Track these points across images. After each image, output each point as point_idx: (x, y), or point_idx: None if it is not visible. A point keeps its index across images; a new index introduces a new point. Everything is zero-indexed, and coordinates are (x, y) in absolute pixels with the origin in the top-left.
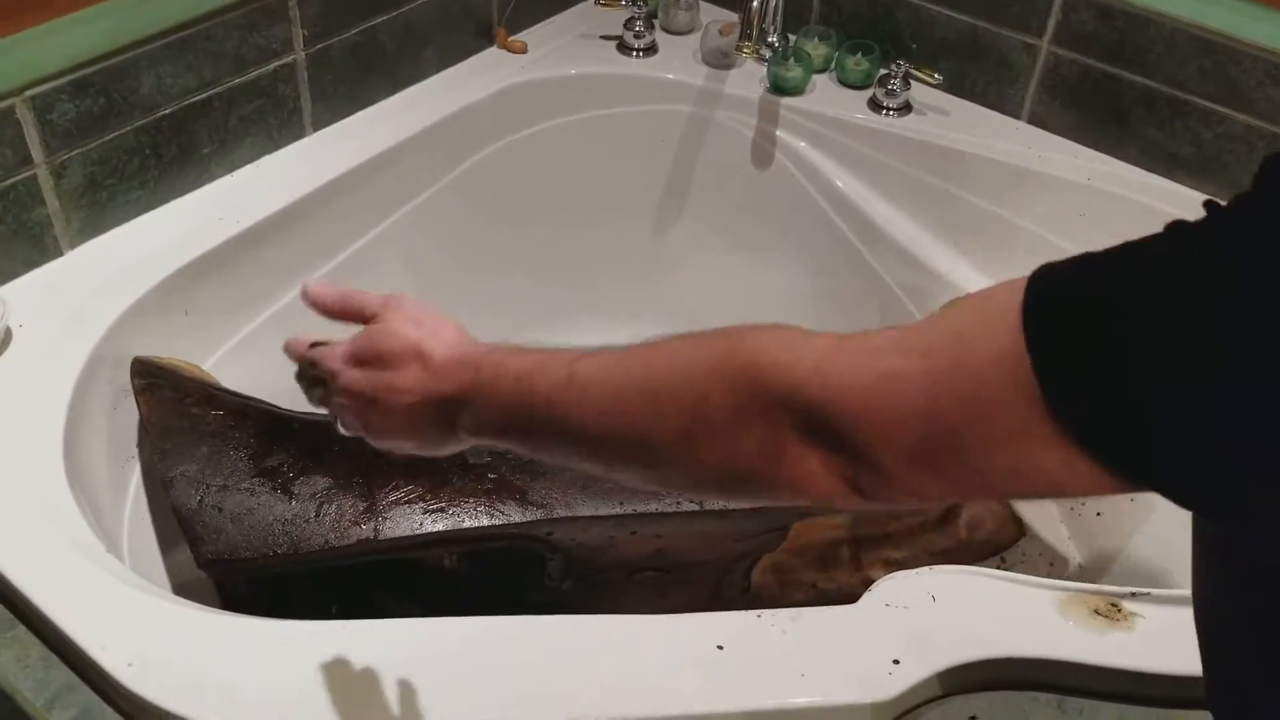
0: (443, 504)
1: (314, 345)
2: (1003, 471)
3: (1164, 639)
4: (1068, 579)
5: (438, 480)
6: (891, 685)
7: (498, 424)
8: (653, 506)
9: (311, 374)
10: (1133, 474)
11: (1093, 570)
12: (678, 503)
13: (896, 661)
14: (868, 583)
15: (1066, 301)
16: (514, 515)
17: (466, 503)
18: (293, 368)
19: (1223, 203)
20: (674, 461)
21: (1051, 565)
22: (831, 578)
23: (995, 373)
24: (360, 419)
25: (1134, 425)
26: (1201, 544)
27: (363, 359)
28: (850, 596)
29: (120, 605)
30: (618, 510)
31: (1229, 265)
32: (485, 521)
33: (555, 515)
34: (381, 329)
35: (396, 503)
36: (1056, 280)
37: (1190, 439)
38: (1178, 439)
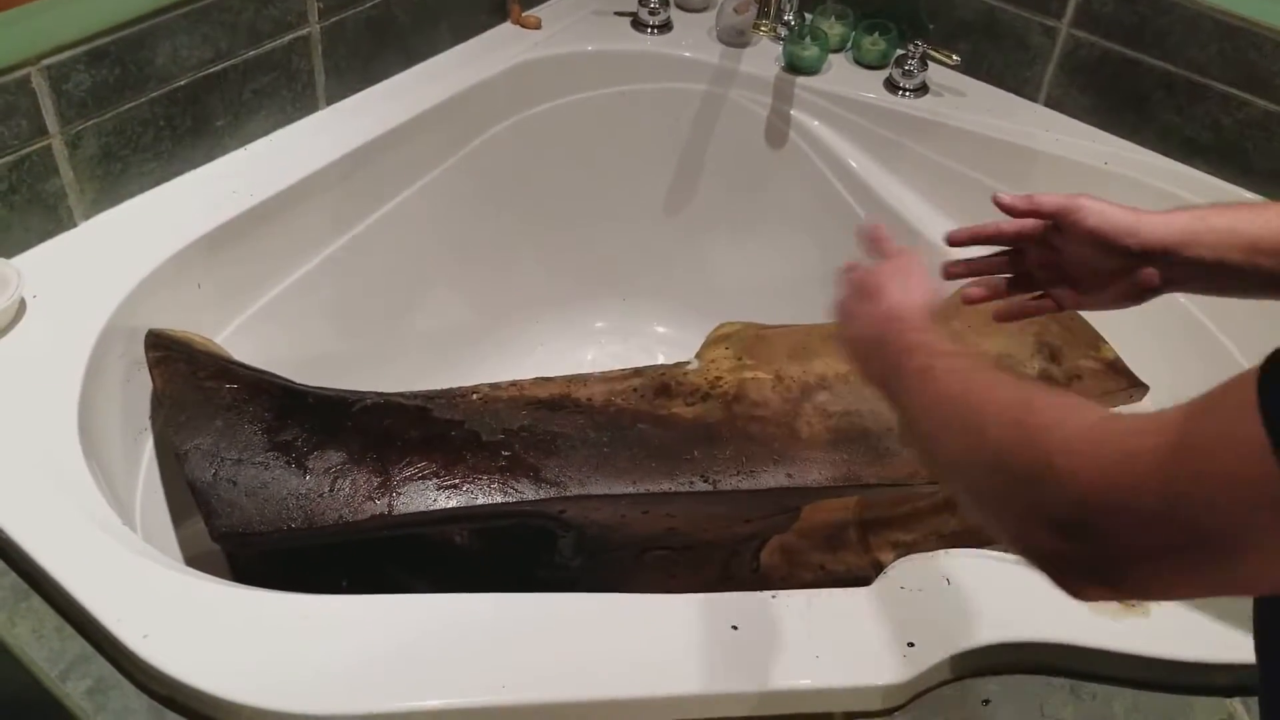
0: (457, 480)
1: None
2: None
3: (1179, 626)
4: None
5: (452, 457)
6: (906, 668)
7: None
8: (665, 486)
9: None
10: None
11: None
12: (690, 482)
13: (911, 644)
14: (876, 565)
15: None
16: (527, 493)
17: (480, 479)
18: (306, 343)
19: None
20: (950, 463)
21: None
22: (840, 559)
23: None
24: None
25: None
26: None
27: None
28: (858, 578)
29: (135, 577)
30: (630, 489)
31: None
32: (499, 499)
33: (568, 493)
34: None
35: (411, 478)
36: None
37: None
38: None
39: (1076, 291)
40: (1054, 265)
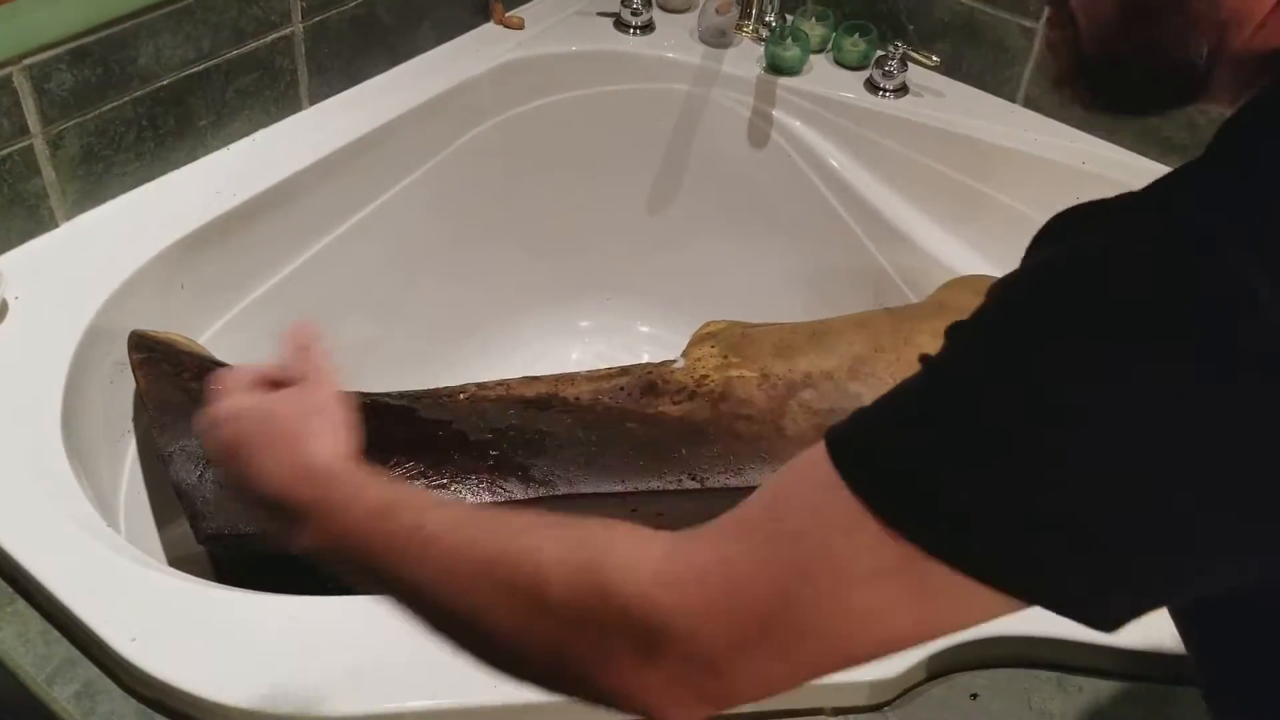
0: (444, 481)
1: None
2: (858, 616)
3: (1164, 617)
4: None
5: (439, 457)
6: (893, 663)
7: (336, 544)
8: (653, 484)
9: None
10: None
11: None
12: (679, 480)
13: None
14: None
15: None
16: (516, 492)
17: (469, 479)
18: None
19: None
20: (499, 643)
21: None
22: None
23: (818, 516)
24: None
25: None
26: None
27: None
28: None
29: (121, 580)
30: (620, 488)
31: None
32: (487, 498)
33: (557, 492)
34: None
35: (397, 479)
36: (859, 423)
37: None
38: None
39: None
40: None
